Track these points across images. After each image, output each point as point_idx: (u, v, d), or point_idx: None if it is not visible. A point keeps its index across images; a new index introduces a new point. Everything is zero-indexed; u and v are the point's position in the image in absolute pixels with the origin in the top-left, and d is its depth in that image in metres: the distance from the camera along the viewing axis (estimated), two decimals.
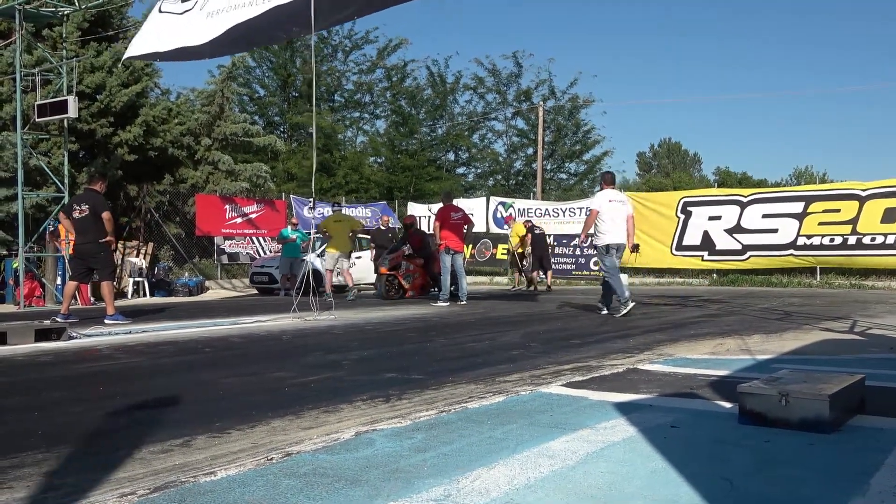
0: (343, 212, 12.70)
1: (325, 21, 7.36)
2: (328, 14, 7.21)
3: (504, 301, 10.94)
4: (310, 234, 13.91)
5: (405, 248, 11.69)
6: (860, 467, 2.17)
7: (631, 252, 8.88)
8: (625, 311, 7.82)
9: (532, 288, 13.69)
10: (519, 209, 18.77)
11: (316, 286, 8.14)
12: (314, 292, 7.67)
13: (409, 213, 20.51)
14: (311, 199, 8.26)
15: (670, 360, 4.48)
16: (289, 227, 13.67)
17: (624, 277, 8.15)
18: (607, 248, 8.23)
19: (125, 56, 8.68)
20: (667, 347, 5.13)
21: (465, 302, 10.10)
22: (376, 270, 12.21)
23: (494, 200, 19.63)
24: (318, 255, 14.10)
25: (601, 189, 8.54)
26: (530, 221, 15.35)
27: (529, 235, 14.27)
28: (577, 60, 70.53)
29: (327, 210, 16.66)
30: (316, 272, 12.24)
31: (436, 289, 12.10)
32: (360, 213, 19.43)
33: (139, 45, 8.28)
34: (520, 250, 14.39)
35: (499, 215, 19.23)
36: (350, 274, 12.37)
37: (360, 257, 14.01)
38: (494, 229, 19.37)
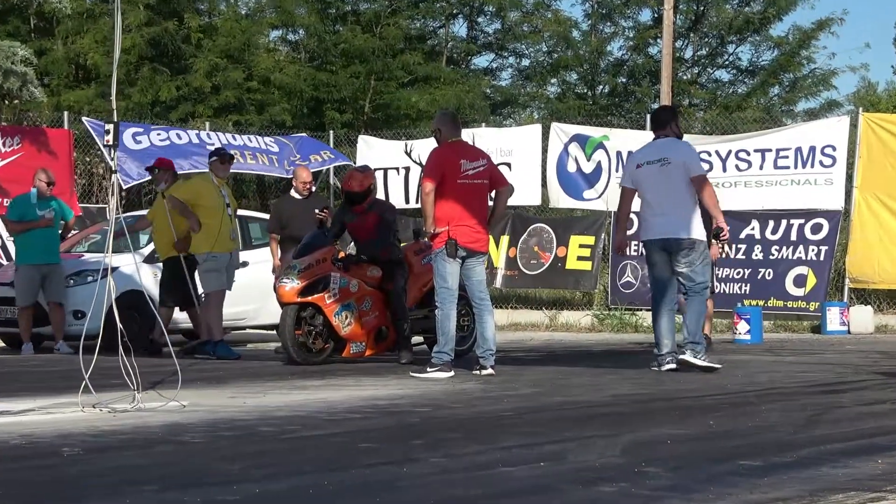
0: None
1: None
2: None
3: (585, 369, 11.04)
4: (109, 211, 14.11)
5: (338, 246, 12.11)
6: None
7: (717, 243, 11.28)
8: (657, 367, 10.46)
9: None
10: (619, 153, 18.84)
11: (135, 331, 8.17)
12: (129, 346, 7.72)
13: (359, 161, 20.50)
14: (110, 125, 8.36)
15: None
16: (35, 189, 13.87)
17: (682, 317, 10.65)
18: (648, 246, 10.59)
19: None
20: None
21: (491, 369, 10.44)
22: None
23: (561, 132, 19.79)
24: (146, 260, 14.24)
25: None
26: None
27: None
28: None
29: (179, 164, 16.63)
30: (136, 299, 12.31)
31: (420, 341, 12.22)
32: (255, 144, 19.38)
33: None
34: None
35: (572, 166, 19.32)
36: (213, 307, 12.81)
37: (243, 265, 14.20)
38: (562, 200, 19.55)
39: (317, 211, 13.15)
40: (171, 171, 14.04)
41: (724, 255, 13.09)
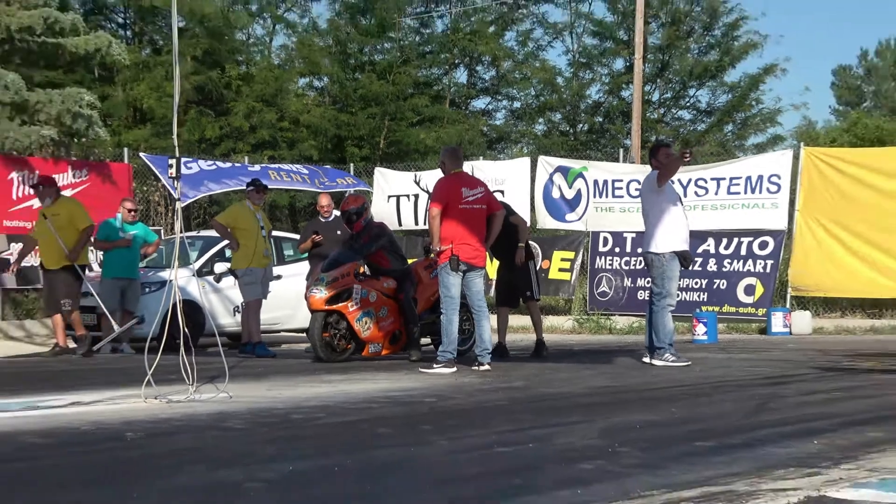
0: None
1: None
2: None
3: (567, 365, 11.04)
4: (161, 232, 14.17)
5: (360, 263, 11.94)
6: None
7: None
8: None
9: None
10: (596, 181, 18.90)
11: (191, 335, 8.20)
12: (189, 346, 7.83)
13: (376, 190, 20.54)
14: (173, 160, 8.43)
15: (893, 482, 4.57)
16: (120, 216, 13.98)
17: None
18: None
19: None
20: (886, 456, 5.23)
21: (487, 366, 10.39)
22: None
23: (547, 164, 19.82)
24: (197, 274, 14.32)
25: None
26: None
27: None
28: None
29: (225, 184, 16.66)
30: (190, 307, 12.45)
31: (427, 342, 12.24)
32: (288, 167, 19.15)
33: None
34: None
35: (556, 193, 19.35)
36: (252, 313, 12.98)
37: (277, 278, 14.28)
38: (547, 222, 19.61)
39: (314, 236, 13.63)
40: (55, 187, 13.53)
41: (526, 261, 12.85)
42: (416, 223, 20.11)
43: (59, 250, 12.83)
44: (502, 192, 18.38)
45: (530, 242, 12.93)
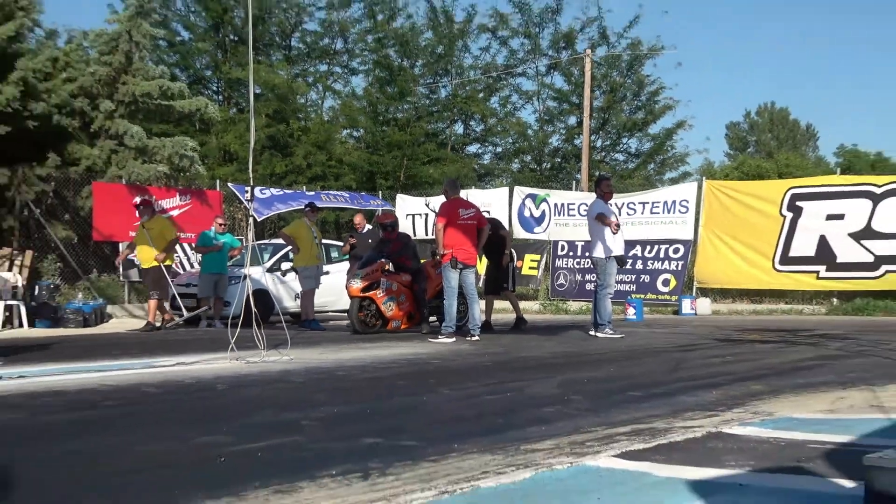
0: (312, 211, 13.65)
1: None
2: None
3: (534, 336, 11.05)
4: (242, 240, 14.26)
5: (386, 262, 11.84)
6: None
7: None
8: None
9: None
10: (555, 204, 18.87)
11: (260, 314, 8.20)
12: (260, 323, 7.80)
13: (398, 210, 20.59)
14: (249, 187, 8.44)
15: (769, 421, 4.59)
16: (213, 228, 13.94)
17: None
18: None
19: None
20: (764, 402, 5.23)
21: (477, 337, 10.31)
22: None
23: (520, 192, 19.72)
24: (268, 270, 14.25)
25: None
26: None
27: None
28: None
29: (289, 205, 16.63)
30: (262, 294, 12.43)
31: (434, 319, 12.17)
32: (334, 193, 19.31)
33: None
34: None
35: (527, 213, 19.33)
36: (307, 298, 12.98)
37: (326, 273, 14.21)
38: (521, 233, 19.49)
39: (350, 239, 13.73)
40: (151, 207, 13.47)
41: (513, 262, 12.57)
42: (426, 234, 19.96)
43: (151, 253, 12.86)
44: (488, 212, 18.36)
45: (511, 249, 12.84)
